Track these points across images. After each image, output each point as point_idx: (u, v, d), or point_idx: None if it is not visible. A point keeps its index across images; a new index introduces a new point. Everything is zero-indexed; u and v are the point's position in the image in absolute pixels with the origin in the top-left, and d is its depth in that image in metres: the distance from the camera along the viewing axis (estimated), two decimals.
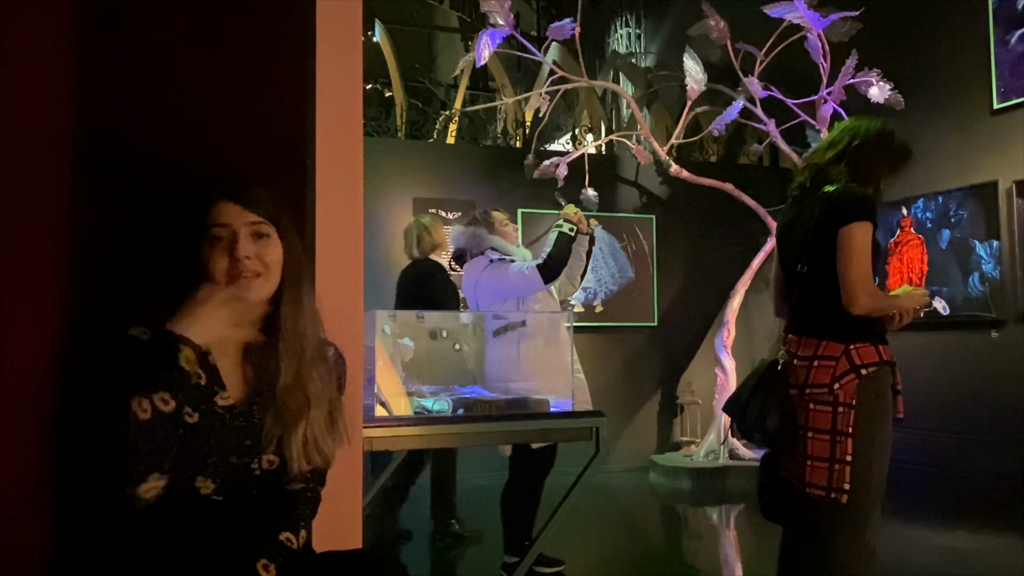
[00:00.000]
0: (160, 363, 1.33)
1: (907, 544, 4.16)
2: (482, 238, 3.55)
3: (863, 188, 2.26)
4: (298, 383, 1.46)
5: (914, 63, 5.91)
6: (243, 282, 1.42)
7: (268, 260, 1.45)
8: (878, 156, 2.33)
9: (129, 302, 1.44)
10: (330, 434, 1.50)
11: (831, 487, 2.15)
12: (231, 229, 1.43)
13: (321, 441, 1.48)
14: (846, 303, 2.16)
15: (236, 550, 1.38)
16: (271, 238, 1.46)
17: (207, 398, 1.41)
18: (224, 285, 1.41)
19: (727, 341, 6.03)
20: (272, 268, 1.45)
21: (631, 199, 6.78)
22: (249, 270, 1.42)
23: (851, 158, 2.31)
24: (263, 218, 1.46)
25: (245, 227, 1.44)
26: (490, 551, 4.03)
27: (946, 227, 5.81)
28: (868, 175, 2.31)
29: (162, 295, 1.43)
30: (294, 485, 1.48)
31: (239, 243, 1.42)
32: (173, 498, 1.37)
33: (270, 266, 1.45)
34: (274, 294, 1.47)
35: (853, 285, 2.15)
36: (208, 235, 1.43)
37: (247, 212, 1.45)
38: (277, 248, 1.47)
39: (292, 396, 1.46)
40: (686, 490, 5.78)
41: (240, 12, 1.63)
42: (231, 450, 1.41)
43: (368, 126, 6.42)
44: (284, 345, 1.46)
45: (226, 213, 1.44)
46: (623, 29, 9.77)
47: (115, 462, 1.28)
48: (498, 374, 3.35)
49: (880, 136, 2.35)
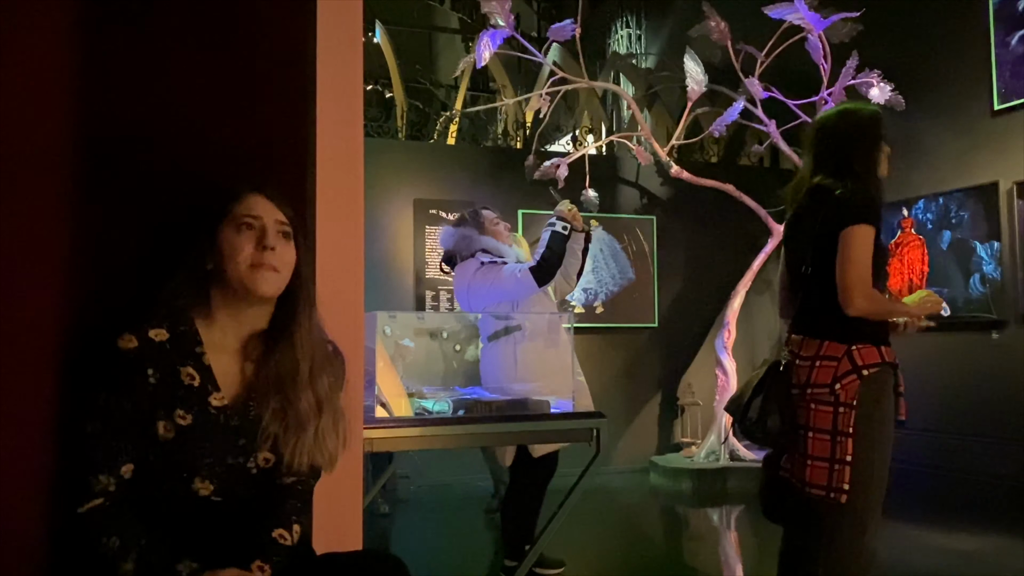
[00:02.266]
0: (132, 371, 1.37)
1: (907, 544, 4.15)
2: (472, 239, 3.42)
3: (865, 187, 2.25)
4: (312, 386, 1.48)
5: (915, 64, 5.90)
6: (260, 275, 1.43)
7: (286, 260, 1.47)
8: (847, 132, 2.31)
9: (127, 304, 1.44)
10: (336, 436, 1.50)
11: (831, 487, 2.15)
12: (262, 222, 1.46)
13: (330, 443, 1.49)
14: (842, 304, 2.17)
15: (234, 551, 1.37)
16: (290, 241, 1.49)
17: (200, 399, 1.41)
18: (243, 273, 1.43)
19: (728, 342, 6.03)
20: (285, 269, 1.48)
21: (632, 200, 6.78)
22: (270, 263, 1.44)
23: (823, 149, 2.31)
24: (287, 219, 1.49)
25: (273, 224, 1.47)
26: (491, 553, 4.03)
27: (947, 228, 5.81)
28: (850, 159, 2.27)
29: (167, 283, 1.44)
30: (284, 479, 1.48)
31: (268, 235, 1.45)
32: (172, 500, 1.37)
33: (286, 266, 1.47)
34: (284, 296, 1.49)
35: (849, 287, 2.15)
36: (235, 222, 1.45)
37: (277, 209, 1.49)
38: (293, 251, 1.50)
39: (306, 399, 1.46)
40: (687, 491, 5.77)
41: (241, 13, 1.63)
42: (227, 451, 1.41)
43: (368, 127, 6.42)
44: (301, 350, 1.47)
45: (258, 206, 1.47)
46: (624, 30, 9.76)
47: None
48: (495, 377, 3.31)
49: (841, 116, 2.35)
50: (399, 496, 5.37)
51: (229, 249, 1.43)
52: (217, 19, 1.62)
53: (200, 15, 1.61)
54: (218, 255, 1.44)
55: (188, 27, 1.61)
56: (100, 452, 1.34)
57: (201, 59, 1.61)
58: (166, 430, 1.38)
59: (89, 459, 1.34)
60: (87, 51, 1.51)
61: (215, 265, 1.44)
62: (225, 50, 1.62)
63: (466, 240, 3.43)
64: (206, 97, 1.61)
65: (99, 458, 1.34)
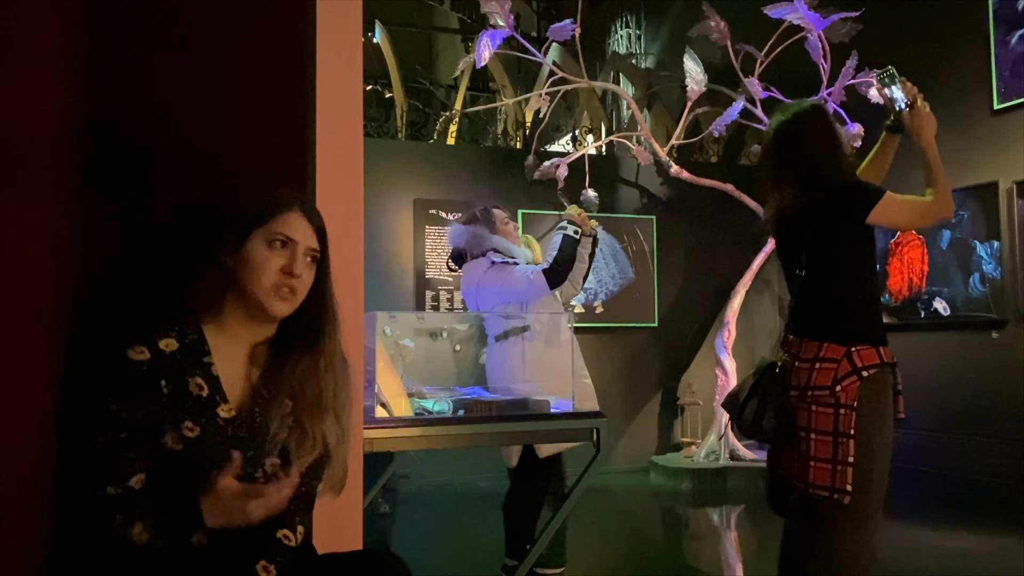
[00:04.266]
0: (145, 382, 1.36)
1: (907, 544, 4.15)
2: (483, 238, 3.37)
3: (844, 181, 2.26)
4: (334, 409, 1.48)
5: (914, 63, 5.86)
6: (278, 297, 1.43)
7: (306, 284, 1.47)
8: (797, 149, 2.29)
9: (132, 312, 1.44)
10: (343, 441, 1.51)
11: (834, 488, 2.15)
12: (295, 246, 1.44)
13: (346, 466, 1.51)
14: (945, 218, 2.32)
15: (238, 552, 1.37)
16: (315, 265, 1.48)
17: (208, 411, 1.40)
18: (262, 292, 1.42)
19: (727, 342, 6.03)
20: (303, 292, 1.47)
21: (631, 200, 6.78)
22: (292, 287, 1.43)
23: (784, 174, 2.29)
24: (318, 248, 1.48)
25: (304, 250, 1.45)
26: (491, 553, 4.03)
27: (946, 227, 5.81)
28: (816, 169, 2.26)
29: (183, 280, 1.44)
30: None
31: (296, 261, 1.44)
32: (176, 511, 1.35)
33: (304, 289, 1.47)
34: (308, 315, 1.48)
35: (934, 217, 2.30)
36: (268, 235, 1.43)
37: (313, 236, 1.47)
38: (314, 274, 1.48)
39: (333, 427, 1.47)
40: (687, 491, 5.78)
41: (241, 13, 1.63)
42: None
43: (368, 127, 6.42)
44: (327, 375, 1.47)
45: (295, 226, 1.45)
46: (623, 30, 9.77)
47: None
48: (502, 377, 3.30)
49: (779, 138, 2.33)
50: (400, 496, 5.38)
51: (256, 262, 1.42)
52: (217, 19, 1.62)
53: (200, 15, 1.61)
54: (242, 262, 1.42)
55: (188, 27, 1.61)
56: (111, 463, 1.32)
57: (201, 59, 1.60)
58: (174, 441, 1.37)
59: (99, 470, 1.32)
60: (87, 51, 1.51)
61: (235, 269, 1.43)
62: (225, 50, 1.62)
63: (477, 239, 3.38)
64: (206, 97, 1.60)
65: (109, 469, 1.32)
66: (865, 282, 2.28)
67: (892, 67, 2.32)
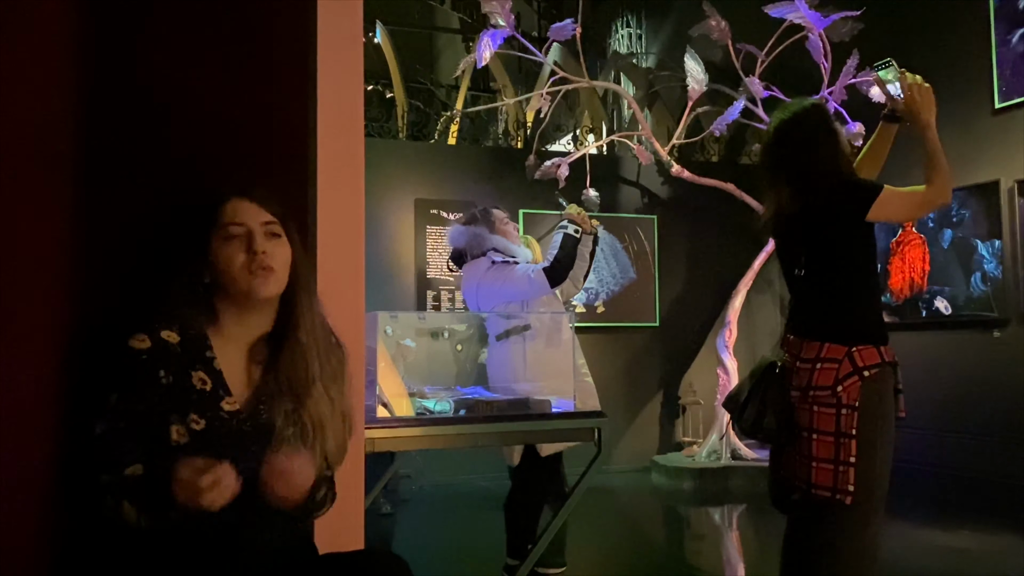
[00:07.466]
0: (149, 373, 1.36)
1: (908, 544, 4.15)
2: (483, 238, 3.37)
3: (840, 179, 2.25)
4: (321, 382, 1.48)
5: (915, 62, 5.83)
6: (259, 278, 1.43)
7: (280, 259, 1.46)
8: (795, 149, 2.28)
9: (133, 305, 1.44)
10: (343, 425, 1.51)
11: (836, 488, 2.15)
12: (247, 227, 1.44)
13: (338, 434, 1.50)
14: (944, 203, 2.30)
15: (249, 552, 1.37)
16: (282, 238, 1.48)
17: (212, 404, 1.41)
18: (240, 281, 1.42)
19: (729, 341, 6.03)
20: (282, 268, 1.46)
21: (632, 199, 6.78)
22: (264, 266, 1.43)
23: (785, 174, 2.28)
24: (274, 217, 1.47)
25: (260, 226, 1.45)
26: (492, 553, 4.03)
27: (948, 227, 5.80)
28: (811, 170, 2.25)
29: (168, 297, 1.43)
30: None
31: (255, 239, 1.44)
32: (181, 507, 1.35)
33: (282, 265, 1.46)
34: (285, 294, 1.48)
35: (931, 205, 2.30)
36: (222, 232, 1.43)
37: (262, 211, 1.46)
38: (287, 249, 1.48)
39: (317, 393, 1.46)
40: (688, 491, 5.77)
41: (241, 13, 1.63)
42: (239, 458, 1.40)
43: (369, 127, 6.42)
44: (308, 349, 1.47)
45: (241, 211, 1.45)
46: (624, 29, 9.77)
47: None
48: (503, 377, 3.30)
49: (778, 138, 2.31)
50: (401, 496, 5.38)
51: (222, 261, 1.43)
52: (217, 19, 1.62)
53: (200, 15, 1.61)
54: (213, 268, 1.43)
55: (188, 28, 1.61)
56: (108, 452, 1.33)
57: (202, 59, 1.61)
58: (179, 435, 1.37)
59: (97, 459, 1.33)
60: (87, 51, 1.52)
61: (213, 278, 1.44)
62: (225, 50, 1.62)
63: (477, 239, 3.38)
64: (206, 97, 1.61)
65: (106, 458, 1.33)
66: (865, 281, 2.28)
67: (891, 58, 2.32)
